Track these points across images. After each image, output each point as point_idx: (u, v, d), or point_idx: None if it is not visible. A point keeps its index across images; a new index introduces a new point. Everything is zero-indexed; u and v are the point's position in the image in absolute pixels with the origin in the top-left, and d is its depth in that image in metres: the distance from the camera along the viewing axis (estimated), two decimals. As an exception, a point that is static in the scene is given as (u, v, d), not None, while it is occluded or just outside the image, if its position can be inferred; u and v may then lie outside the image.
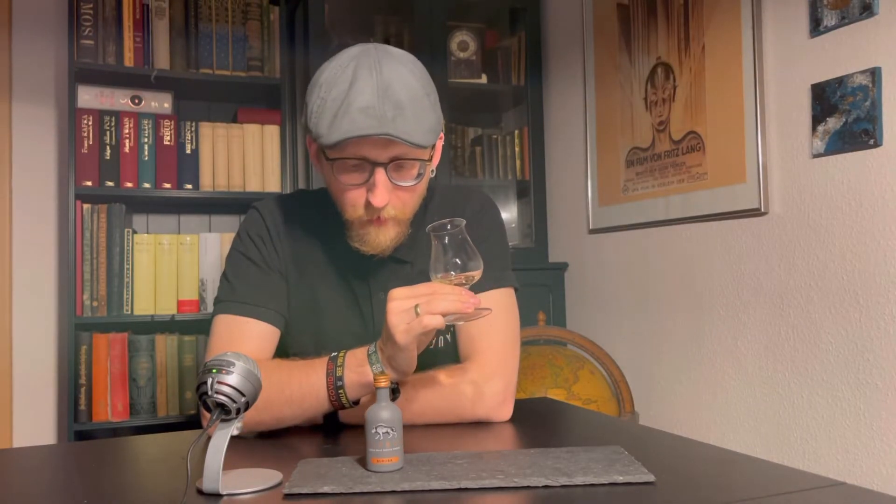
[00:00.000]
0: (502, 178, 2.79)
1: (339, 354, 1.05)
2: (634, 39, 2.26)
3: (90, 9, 2.32)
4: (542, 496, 0.77)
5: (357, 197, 1.10)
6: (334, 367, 1.04)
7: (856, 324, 1.59)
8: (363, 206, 1.10)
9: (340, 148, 1.05)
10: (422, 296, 0.97)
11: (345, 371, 1.03)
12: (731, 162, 1.89)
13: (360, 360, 1.03)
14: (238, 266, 1.22)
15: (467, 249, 0.99)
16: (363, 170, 1.08)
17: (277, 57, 2.53)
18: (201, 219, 2.70)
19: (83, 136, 2.30)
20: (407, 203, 1.13)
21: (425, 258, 1.21)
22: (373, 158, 1.06)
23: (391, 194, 1.09)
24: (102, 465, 0.97)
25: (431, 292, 0.97)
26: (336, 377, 1.03)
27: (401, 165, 1.09)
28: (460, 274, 0.98)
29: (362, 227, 1.13)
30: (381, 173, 1.07)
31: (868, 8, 1.54)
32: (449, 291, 0.97)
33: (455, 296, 0.96)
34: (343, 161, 1.07)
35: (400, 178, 1.09)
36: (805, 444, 1.70)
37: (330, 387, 1.03)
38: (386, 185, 1.08)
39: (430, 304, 0.96)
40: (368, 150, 1.05)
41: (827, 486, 0.79)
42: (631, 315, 2.28)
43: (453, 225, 0.98)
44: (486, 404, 1.13)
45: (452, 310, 0.96)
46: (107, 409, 2.29)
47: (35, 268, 2.50)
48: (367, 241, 1.13)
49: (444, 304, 0.96)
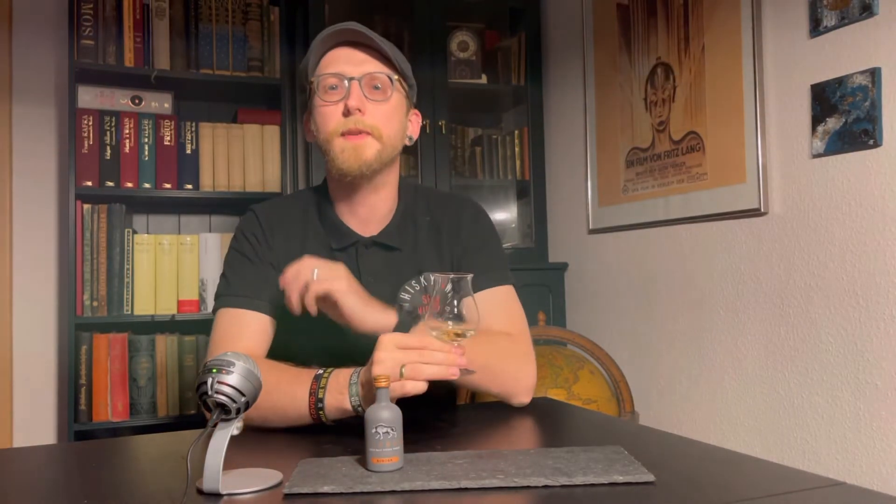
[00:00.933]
0: (502, 178, 2.79)
1: (324, 375, 1.06)
2: (634, 40, 2.26)
3: (90, 9, 2.32)
4: (542, 496, 0.77)
5: (335, 111, 1.19)
6: (317, 388, 1.05)
7: (856, 324, 1.59)
8: (341, 120, 1.18)
9: (321, 68, 1.20)
10: (412, 351, 0.98)
11: (326, 394, 1.04)
12: (730, 162, 1.89)
13: (341, 385, 1.04)
14: (234, 262, 1.27)
15: (469, 304, 1.00)
16: (340, 89, 1.19)
17: (277, 57, 2.53)
18: (201, 219, 2.70)
19: (83, 136, 2.30)
20: (382, 119, 1.21)
21: (414, 245, 1.26)
22: (346, 73, 1.19)
23: (367, 107, 1.19)
24: (102, 465, 0.97)
25: (422, 347, 0.98)
26: (317, 398, 1.05)
27: (374, 83, 1.20)
28: (457, 326, 0.98)
29: (342, 143, 1.19)
30: (354, 84, 1.19)
31: (868, 8, 1.54)
32: (438, 349, 0.98)
33: (443, 357, 0.97)
34: (323, 80, 1.20)
35: (374, 95, 1.20)
36: (805, 444, 1.70)
37: (311, 406, 1.05)
38: (359, 92, 1.19)
39: (415, 370, 0.96)
40: (342, 65, 1.19)
41: (827, 486, 0.79)
42: (631, 315, 2.28)
43: (464, 278, 1.00)
44: (526, 384, 1.21)
45: (438, 377, 0.97)
46: (107, 409, 2.29)
47: (35, 268, 2.50)
48: (346, 157, 1.18)
49: (430, 370, 0.97)
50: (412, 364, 0.96)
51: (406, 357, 0.97)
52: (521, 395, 1.20)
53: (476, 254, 1.29)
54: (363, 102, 1.18)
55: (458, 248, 1.30)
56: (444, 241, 1.30)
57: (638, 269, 2.25)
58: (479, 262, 1.27)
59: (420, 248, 1.29)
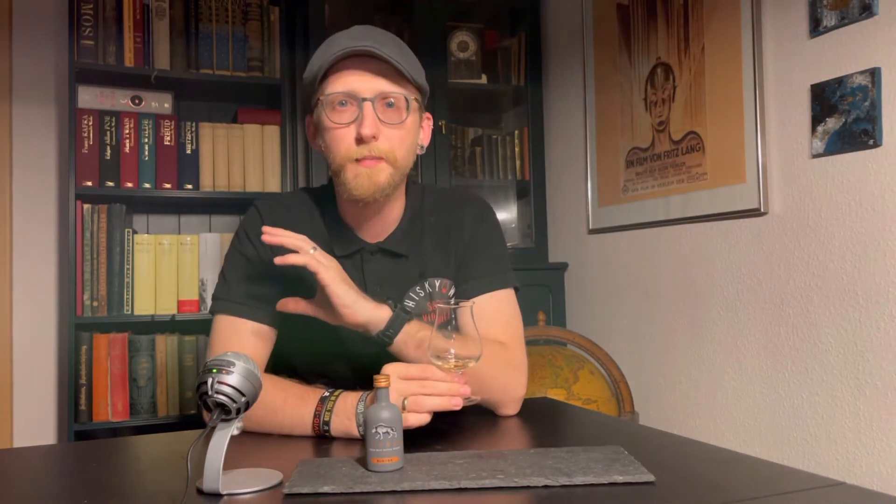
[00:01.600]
0: (502, 178, 2.80)
1: (331, 397, 1.05)
2: (634, 40, 2.26)
3: (90, 9, 2.32)
4: (542, 496, 0.77)
5: (347, 134, 1.13)
6: (323, 410, 1.04)
7: (856, 324, 1.59)
8: (354, 143, 1.13)
9: (330, 83, 1.13)
10: (413, 382, 0.98)
11: (333, 417, 1.03)
12: (730, 162, 1.89)
13: (349, 410, 1.03)
14: (235, 264, 1.24)
15: (470, 331, 1.01)
16: (352, 108, 1.12)
17: (277, 57, 2.53)
18: (201, 219, 2.70)
19: (83, 136, 2.30)
20: (396, 143, 1.15)
21: (420, 250, 1.24)
22: (359, 93, 1.11)
23: (381, 131, 1.12)
24: (102, 465, 0.97)
25: (423, 378, 0.99)
26: (323, 420, 1.04)
27: (387, 101, 1.13)
28: (459, 356, 0.99)
29: (355, 169, 1.14)
30: (368, 106, 1.11)
31: (868, 8, 1.54)
32: (441, 379, 0.99)
33: (446, 387, 0.98)
34: (332, 98, 1.13)
35: (388, 117, 1.13)
36: (805, 444, 1.70)
37: (316, 427, 1.05)
38: (374, 117, 1.11)
39: (418, 403, 0.97)
40: (354, 82, 1.12)
41: (827, 486, 0.79)
42: (631, 315, 2.28)
43: (463, 303, 1.00)
44: (514, 395, 1.18)
45: (440, 409, 0.98)
46: (107, 409, 2.29)
47: (35, 268, 2.50)
48: (360, 183, 1.13)
49: (432, 402, 0.97)
50: (414, 397, 0.96)
51: (408, 388, 0.97)
52: (509, 406, 1.18)
53: (477, 255, 1.27)
54: (377, 128, 1.12)
55: (461, 247, 1.27)
56: (450, 241, 1.28)
57: (638, 269, 2.25)
58: (478, 265, 1.26)
59: (426, 253, 1.26)
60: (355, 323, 1.08)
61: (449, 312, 1.00)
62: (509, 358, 1.19)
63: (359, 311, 1.07)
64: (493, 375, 1.14)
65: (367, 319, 1.08)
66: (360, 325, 1.08)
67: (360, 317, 1.08)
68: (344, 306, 1.07)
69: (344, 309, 1.07)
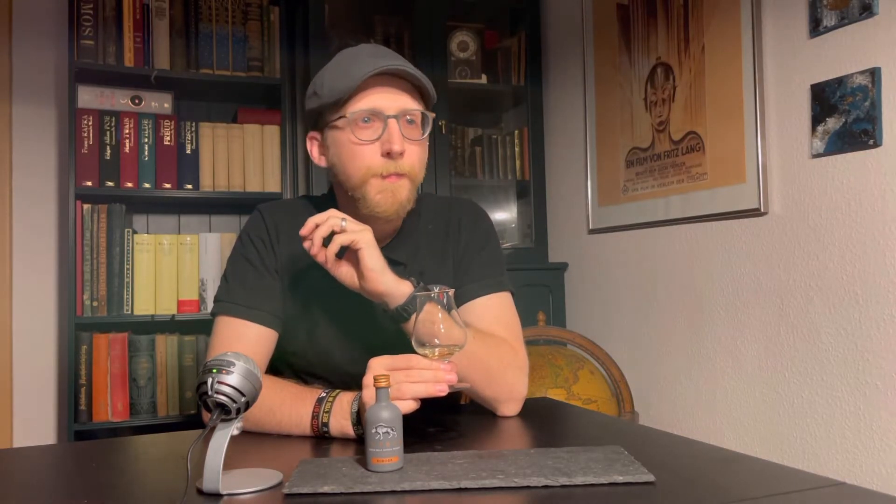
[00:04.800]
0: (502, 178, 2.79)
1: (329, 398, 1.06)
2: (634, 39, 2.26)
3: (90, 9, 2.32)
4: (542, 496, 0.77)
5: (372, 153, 1.13)
6: (320, 411, 1.05)
7: (855, 324, 1.59)
8: (380, 161, 1.13)
9: (354, 101, 1.12)
10: (398, 372, 0.98)
11: (330, 418, 1.04)
12: (730, 162, 1.89)
13: (345, 410, 1.04)
14: (237, 267, 1.24)
15: (453, 317, 1.00)
16: (375, 124, 1.13)
17: (277, 57, 2.53)
18: (201, 219, 2.70)
19: (83, 136, 2.30)
20: (416, 160, 1.16)
21: (419, 260, 1.24)
22: (384, 110, 1.12)
23: (405, 148, 1.13)
24: (102, 465, 0.97)
25: (408, 367, 0.98)
26: (321, 422, 1.05)
27: (408, 117, 1.14)
28: (443, 344, 0.98)
29: (380, 185, 1.14)
30: (394, 123, 1.12)
31: (868, 8, 1.54)
32: (426, 367, 0.98)
33: (430, 374, 0.98)
34: (357, 116, 1.12)
35: (409, 133, 1.14)
36: (805, 444, 1.70)
37: (315, 427, 1.06)
38: (400, 135, 1.12)
39: (400, 390, 0.96)
40: (379, 100, 1.12)
41: (827, 486, 0.79)
42: (631, 315, 2.28)
43: (443, 292, 1.00)
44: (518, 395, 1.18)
45: (424, 395, 0.97)
46: (107, 409, 2.29)
47: (35, 268, 2.50)
48: (383, 200, 1.14)
49: (415, 389, 0.97)
50: (397, 384, 0.96)
51: (392, 378, 0.97)
52: (510, 405, 1.18)
53: (474, 258, 1.27)
54: (403, 144, 1.13)
55: (457, 252, 1.28)
56: (446, 247, 1.29)
57: (638, 270, 2.25)
58: (476, 268, 1.26)
59: (423, 260, 1.27)
60: (375, 291, 1.08)
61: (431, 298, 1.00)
62: (516, 358, 1.20)
63: (384, 279, 1.08)
64: (501, 371, 1.16)
65: (389, 290, 1.08)
66: (379, 294, 1.08)
67: (382, 286, 1.08)
68: (371, 270, 1.07)
69: (370, 273, 1.07)
